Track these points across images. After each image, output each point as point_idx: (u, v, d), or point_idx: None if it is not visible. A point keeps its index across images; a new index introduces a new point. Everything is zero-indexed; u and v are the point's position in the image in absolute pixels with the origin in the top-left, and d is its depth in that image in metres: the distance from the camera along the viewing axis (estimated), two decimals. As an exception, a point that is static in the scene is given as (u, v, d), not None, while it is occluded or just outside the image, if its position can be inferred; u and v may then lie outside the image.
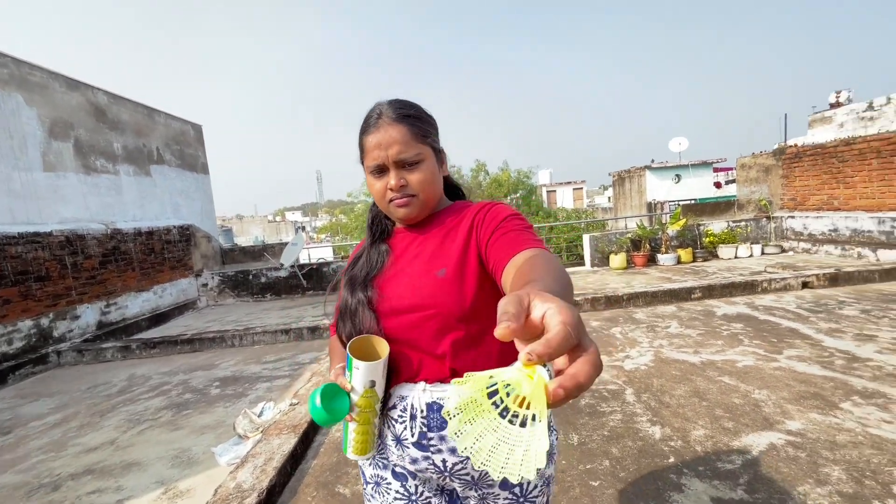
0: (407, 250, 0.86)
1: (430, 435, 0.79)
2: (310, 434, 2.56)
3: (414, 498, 0.85)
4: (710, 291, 5.02)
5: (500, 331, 0.35)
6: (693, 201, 13.35)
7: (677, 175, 15.45)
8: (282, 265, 7.48)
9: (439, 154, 0.86)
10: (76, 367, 4.59)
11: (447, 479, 0.83)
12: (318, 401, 0.74)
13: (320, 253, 13.91)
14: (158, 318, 6.28)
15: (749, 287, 5.07)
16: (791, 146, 8.05)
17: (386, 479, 0.86)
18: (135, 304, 5.98)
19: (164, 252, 6.76)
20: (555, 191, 32.08)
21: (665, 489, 1.84)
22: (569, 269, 7.96)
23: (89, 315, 5.23)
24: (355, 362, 0.75)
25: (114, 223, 5.83)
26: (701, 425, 2.31)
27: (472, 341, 0.77)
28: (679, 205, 9.84)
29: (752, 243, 7.65)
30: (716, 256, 7.62)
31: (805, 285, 5.06)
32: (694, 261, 7.44)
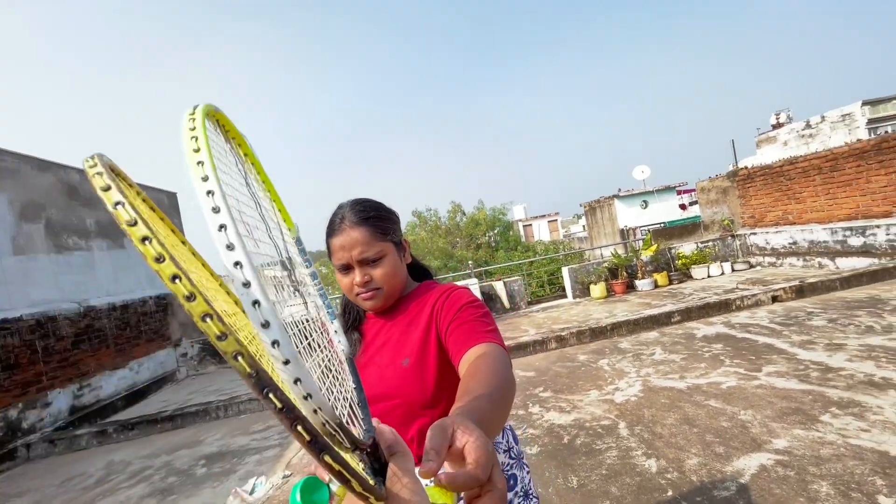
0: (376, 338, 0.91)
1: None
2: (305, 507, 2.47)
3: None
4: (689, 314, 5.18)
5: (422, 472, 0.37)
6: (662, 225, 13.91)
7: (644, 201, 16.17)
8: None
9: (400, 246, 0.92)
10: (48, 460, 4.31)
11: None
12: (298, 496, 0.78)
13: (303, 308, 13.70)
14: (136, 395, 5.99)
15: (724, 306, 5.27)
16: (742, 168, 8.63)
17: None
18: (110, 384, 5.71)
19: (139, 325, 6.57)
20: (530, 224, 32.88)
21: (667, 525, 1.86)
22: (551, 303, 8.08)
23: (61, 400, 4.97)
24: None
25: (87, 300, 5.68)
26: (694, 453, 2.35)
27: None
28: (649, 230, 10.24)
29: (721, 262, 7.99)
30: (690, 277, 7.90)
31: (775, 299, 5.30)
32: (670, 283, 7.68)
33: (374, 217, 0.88)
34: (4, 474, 4.10)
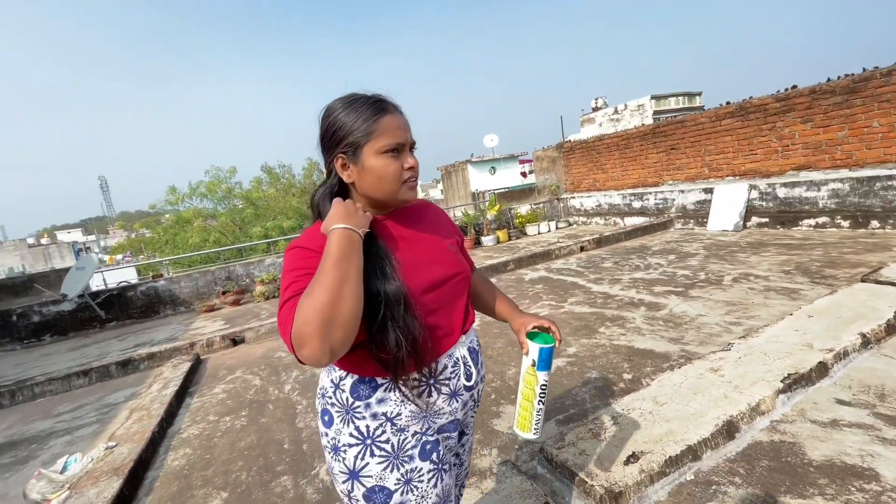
0: (403, 235, 0.92)
1: (475, 372, 0.97)
2: (139, 472, 2.27)
3: (442, 465, 0.92)
4: (520, 262, 6.09)
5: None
6: (506, 189, 15.53)
7: (493, 167, 17.74)
8: (64, 296, 5.99)
9: None
10: None
11: (473, 409, 1.02)
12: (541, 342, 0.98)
13: (121, 275, 11.42)
14: None
15: (547, 255, 6.34)
16: (567, 142, 10.17)
17: (417, 468, 0.88)
18: None
19: None
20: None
21: (489, 418, 2.31)
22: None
23: None
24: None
25: None
26: (513, 366, 2.91)
27: (470, 293, 1.04)
28: (494, 193, 11.38)
29: (549, 221, 9.44)
30: (525, 234, 9.17)
31: (582, 249, 6.59)
32: (510, 240, 8.80)
33: None
34: None
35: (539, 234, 9.07)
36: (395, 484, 0.86)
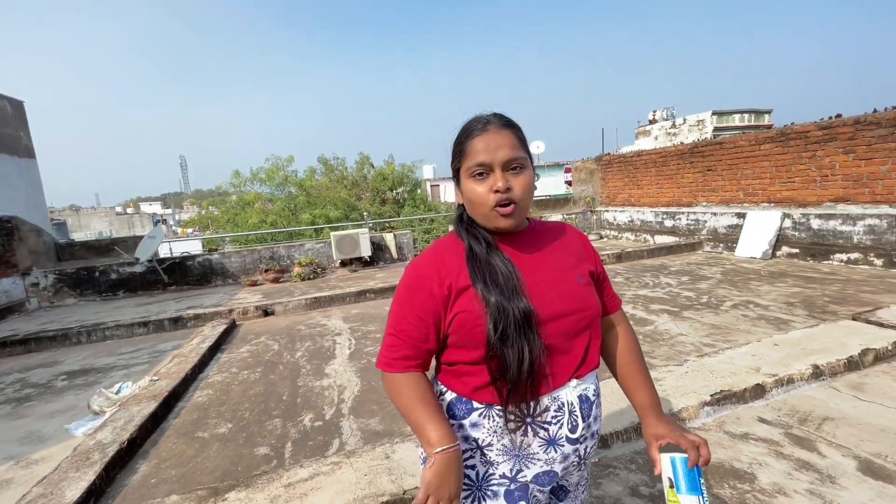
0: (521, 262, 0.84)
1: (582, 425, 0.84)
2: (171, 402, 2.85)
3: None
4: (535, 269, 6.31)
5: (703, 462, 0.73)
6: (547, 197, 15.55)
7: (536, 174, 17.81)
8: (137, 259, 6.99)
9: (532, 167, 0.86)
10: None
11: (579, 467, 0.89)
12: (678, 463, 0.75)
13: (188, 246, 12.82)
14: (-27, 323, 5.46)
15: (563, 265, 6.51)
16: (606, 154, 10.13)
17: None
18: (-62, 309, 5.13)
19: (-24, 247, 5.85)
20: (438, 185, 33.65)
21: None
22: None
23: None
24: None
25: None
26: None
27: (598, 334, 0.90)
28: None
29: (579, 232, 9.50)
30: (553, 243, 9.28)
31: (600, 262, 6.68)
32: (536, 247, 8.97)
33: (516, 126, 0.84)
34: None
35: (567, 244, 9.15)
36: None
